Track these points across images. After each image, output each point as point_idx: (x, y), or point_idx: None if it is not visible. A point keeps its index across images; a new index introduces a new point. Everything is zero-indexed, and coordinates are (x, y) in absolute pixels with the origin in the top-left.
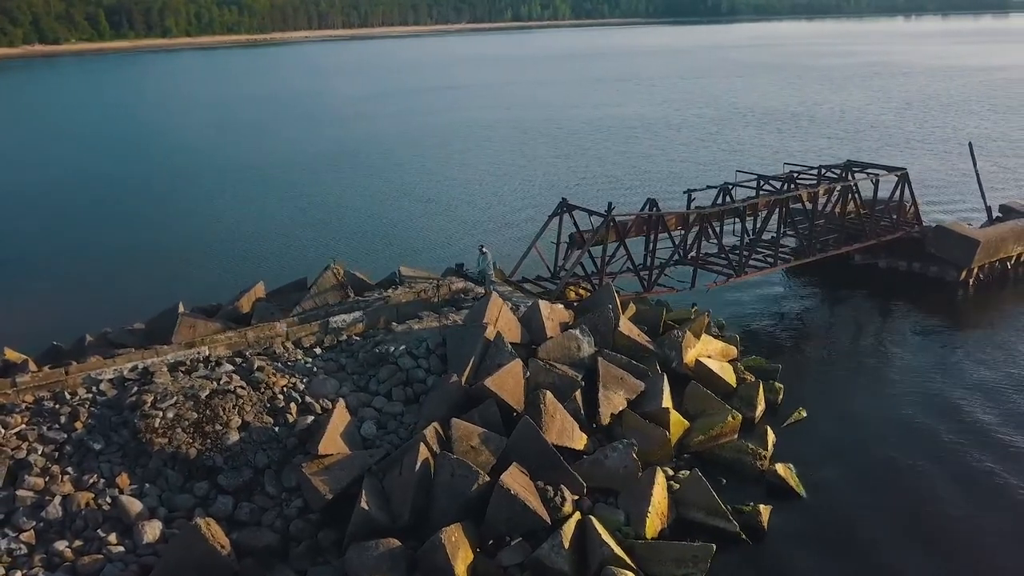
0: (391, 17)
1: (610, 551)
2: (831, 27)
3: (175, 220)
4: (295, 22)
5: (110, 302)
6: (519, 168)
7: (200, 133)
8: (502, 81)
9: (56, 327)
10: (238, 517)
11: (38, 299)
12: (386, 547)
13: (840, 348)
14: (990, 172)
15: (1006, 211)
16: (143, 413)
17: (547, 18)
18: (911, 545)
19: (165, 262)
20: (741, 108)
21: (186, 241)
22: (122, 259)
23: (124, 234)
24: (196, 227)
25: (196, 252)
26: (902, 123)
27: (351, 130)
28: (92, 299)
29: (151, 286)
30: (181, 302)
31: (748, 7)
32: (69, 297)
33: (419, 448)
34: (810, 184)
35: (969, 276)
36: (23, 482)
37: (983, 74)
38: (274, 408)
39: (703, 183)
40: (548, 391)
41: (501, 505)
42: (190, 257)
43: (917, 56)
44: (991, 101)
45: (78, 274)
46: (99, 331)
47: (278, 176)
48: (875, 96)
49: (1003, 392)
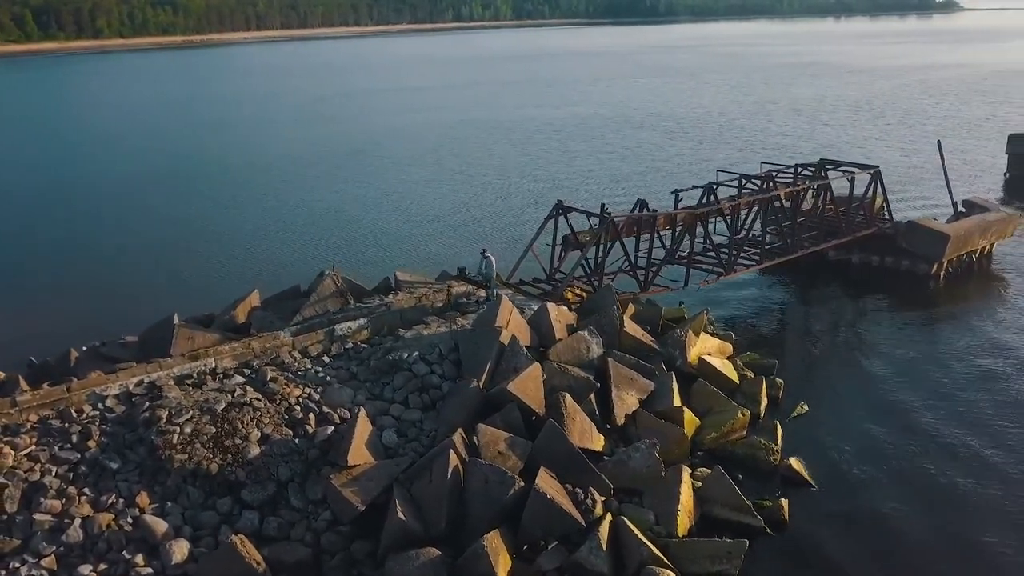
0: (331, 18)
1: (649, 551)
2: (767, 28)
3: (148, 226)
4: (232, 23)
5: (87, 315)
6: (493, 169)
7: (159, 136)
8: (457, 83)
9: (31, 342)
10: (266, 532)
11: (9, 313)
12: (427, 556)
13: (827, 342)
14: (927, 169)
15: (969, 206)
16: (160, 429)
17: (488, 19)
18: (928, 524)
19: (140, 271)
20: (699, 108)
21: (162, 249)
22: (91, 269)
23: (91, 242)
24: (172, 234)
25: (174, 260)
26: (856, 121)
27: (312, 133)
28: (67, 312)
29: (128, 297)
30: (176, 313)
31: (685, 8)
32: (40, 311)
33: (449, 455)
34: (789, 183)
35: (940, 269)
36: (39, 505)
37: (920, 73)
38: (292, 419)
39: (671, 182)
40: (567, 393)
41: (537, 509)
42: (167, 265)
43: (856, 57)
44: (932, 100)
45: (45, 286)
46: (78, 345)
47: (246, 180)
48: (825, 94)
49: (981, 375)
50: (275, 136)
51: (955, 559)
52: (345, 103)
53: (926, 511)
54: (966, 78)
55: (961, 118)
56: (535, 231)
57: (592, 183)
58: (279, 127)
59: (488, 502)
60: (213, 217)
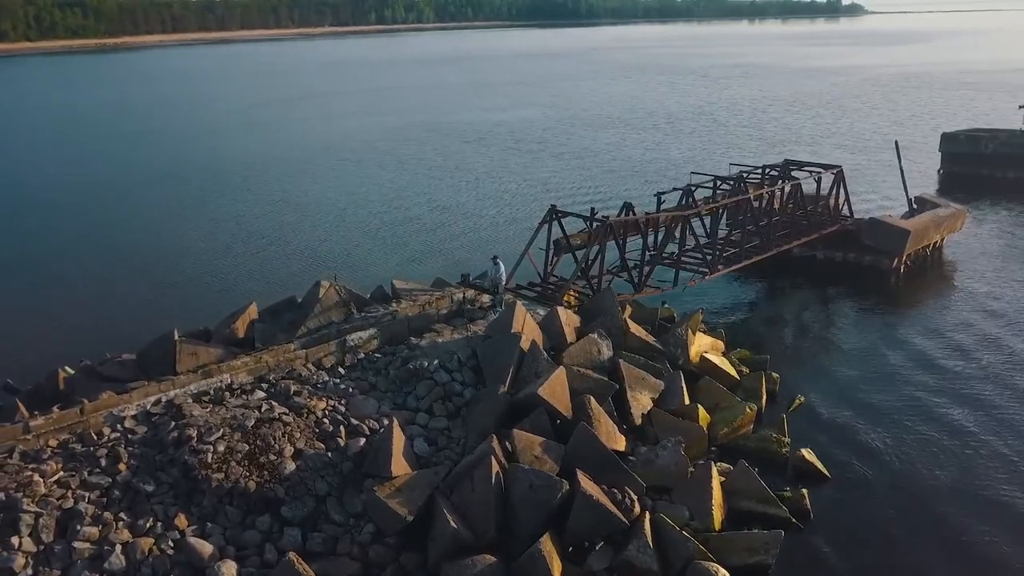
0: (250, 20)
1: (695, 546)
2: (686, 30)
3: (115, 240)
4: (147, 25)
5: (62, 334)
6: (456, 172)
7: (101, 142)
8: (389, 86)
9: (5, 364)
10: (311, 548)
11: None
12: (483, 563)
13: (808, 335)
14: (870, 167)
15: (920, 203)
16: (192, 448)
17: (411, 21)
18: (943, 502)
19: (112, 287)
20: (646, 110)
21: (134, 263)
22: (50, 287)
23: (49, 257)
24: (144, 246)
25: (147, 274)
26: (796, 121)
27: (259, 139)
28: (40, 332)
29: (100, 315)
30: (176, 329)
31: (605, 11)
32: (10, 332)
33: (490, 462)
34: (756, 183)
35: (900, 263)
36: (77, 533)
37: (842, 74)
38: (323, 433)
39: (632, 183)
40: (591, 396)
41: (584, 511)
42: (142, 280)
43: (780, 58)
44: (860, 100)
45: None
46: (59, 365)
47: (210, 190)
48: (759, 95)
49: (952, 356)
50: (220, 143)
51: (980, 536)
52: (288, 108)
53: (939, 491)
54: (886, 79)
55: (891, 117)
56: (530, 236)
57: (560, 185)
58: (221, 134)
59: (535, 506)
60: (185, 228)
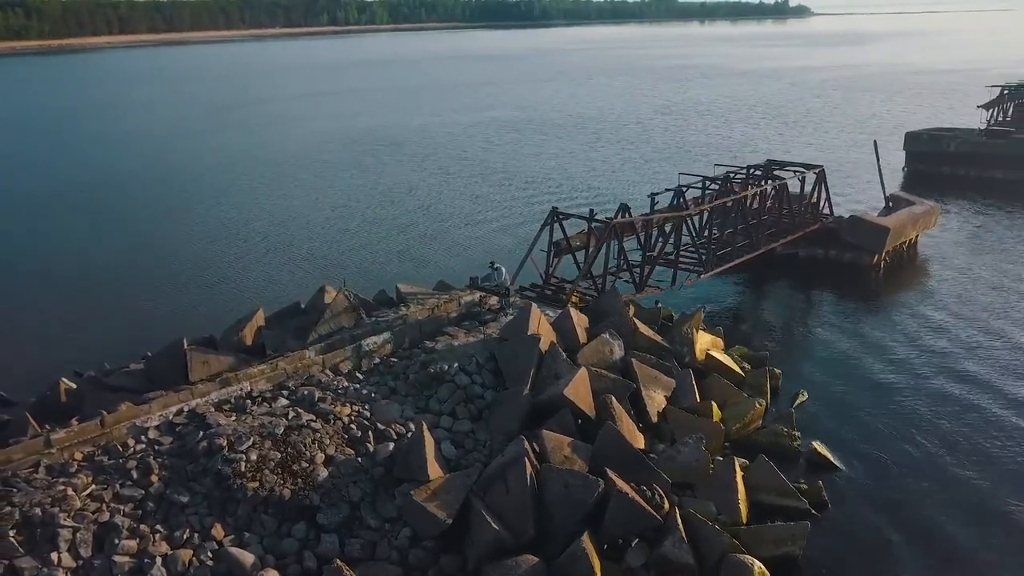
0: (200, 21)
1: (728, 539)
2: (639, 31)
3: (103, 245)
4: (93, 26)
5: (54, 343)
6: (447, 175)
7: (64, 150)
8: (347, 89)
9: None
10: (350, 554)
11: None
12: (527, 564)
13: (799, 331)
14: (839, 165)
15: (895, 200)
16: (225, 458)
17: (365, 22)
18: (957, 492)
19: (109, 296)
20: (615, 112)
21: (120, 272)
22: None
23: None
24: (131, 254)
25: (130, 285)
26: (762, 121)
27: (231, 141)
28: (32, 340)
29: (96, 325)
30: (185, 338)
31: (559, 12)
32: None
33: (524, 463)
34: (742, 183)
35: (880, 260)
36: (115, 547)
37: (798, 74)
38: (352, 438)
39: (612, 184)
40: (612, 396)
41: (620, 509)
42: (139, 289)
43: (735, 59)
44: (821, 100)
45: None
46: (53, 375)
47: (180, 196)
48: (721, 96)
49: (939, 346)
50: (197, 147)
51: (993, 520)
52: (256, 110)
53: (951, 480)
54: (842, 79)
55: (851, 116)
56: (533, 238)
57: (549, 187)
58: (193, 137)
59: (572, 506)
60: (177, 234)
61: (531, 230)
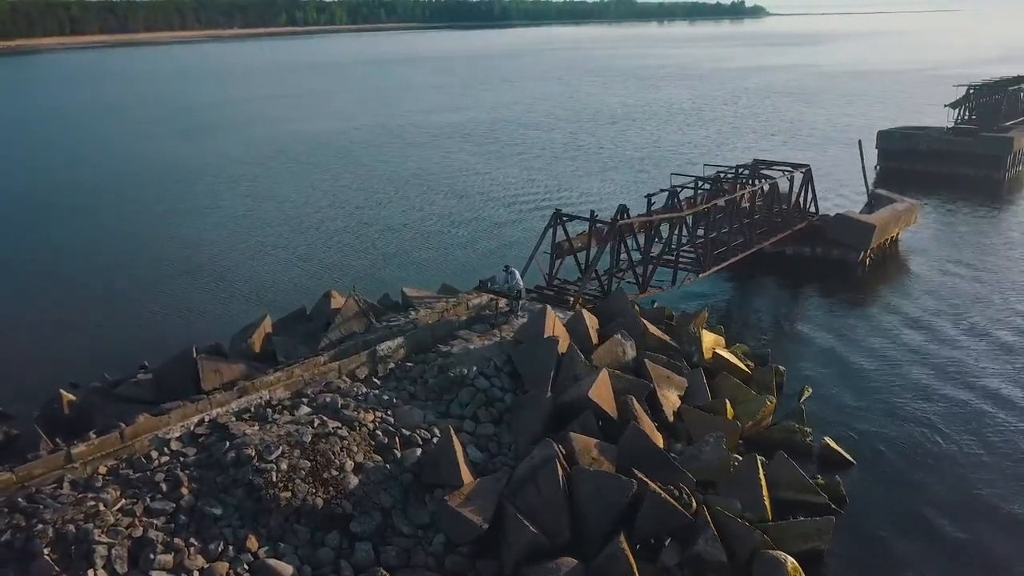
0: (155, 22)
1: (760, 536)
2: (599, 32)
3: (96, 252)
4: (43, 27)
5: (47, 353)
6: (417, 177)
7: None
8: (313, 90)
9: None
10: (386, 562)
11: None
12: (567, 566)
13: (794, 328)
14: (817, 164)
15: (876, 198)
16: (256, 468)
17: (323, 23)
18: (969, 478)
19: (102, 305)
20: (592, 112)
21: (119, 280)
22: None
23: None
24: (129, 262)
25: (128, 294)
26: (738, 120)
27: (206, 145)
28: (26, 350)
29: (91, 334)
30: (195, 347)
31: (519, 12)
32: None
33: (555, 466)
34: (737, 184)
35: (865, 256)
36: (152, 562)
37: (762, 75)
38: (379, 445)
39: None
40: (633, 397)
41: (653, 509)
42: (134, 297)
43: (697, 59)
44: (788, 100)
45: None
46: (50, 387)
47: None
48: (690, 95)
49: (929, 338)
50: (176, 150)
51: (1008, 509)
52: (222, 112)
53: (962, 472)
54: (805, 79)
55: (818, 116)
56: (536, 240)
57: (533, 187)
58: (163, 139)
59: (605, 507)
60: (173, 239)
61: (527, 230)
